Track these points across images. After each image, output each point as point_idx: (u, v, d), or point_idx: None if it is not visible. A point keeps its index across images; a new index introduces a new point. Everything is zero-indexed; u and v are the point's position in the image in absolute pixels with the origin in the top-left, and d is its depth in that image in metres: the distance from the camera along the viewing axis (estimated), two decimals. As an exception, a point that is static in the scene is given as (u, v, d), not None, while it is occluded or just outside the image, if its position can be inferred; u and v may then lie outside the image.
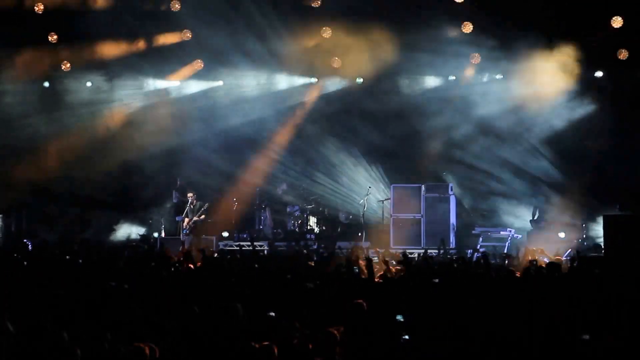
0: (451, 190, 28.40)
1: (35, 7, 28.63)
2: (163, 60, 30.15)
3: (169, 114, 31.29)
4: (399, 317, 12.04)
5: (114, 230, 30.62)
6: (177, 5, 28.83)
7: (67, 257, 20.65)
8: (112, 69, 30.70)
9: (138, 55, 29.93)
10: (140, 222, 31.09)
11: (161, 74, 31.12)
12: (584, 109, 28.93)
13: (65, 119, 30.85)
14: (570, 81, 28.61)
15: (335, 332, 10.33)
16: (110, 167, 30.39)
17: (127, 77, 31.11)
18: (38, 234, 29.66)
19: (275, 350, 9.58)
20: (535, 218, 28.63)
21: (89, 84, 31.09)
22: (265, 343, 9.67)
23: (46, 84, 31.05)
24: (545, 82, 28.74)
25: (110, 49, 29.81)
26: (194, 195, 28.94)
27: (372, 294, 13.63)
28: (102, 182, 30.69)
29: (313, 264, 18.04)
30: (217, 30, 28.48)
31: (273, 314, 12.19)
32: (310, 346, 9.99)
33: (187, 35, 29.61)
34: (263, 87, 31.21)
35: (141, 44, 29.85)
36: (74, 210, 31.00)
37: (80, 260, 19.66)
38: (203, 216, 28.85)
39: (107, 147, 30.58)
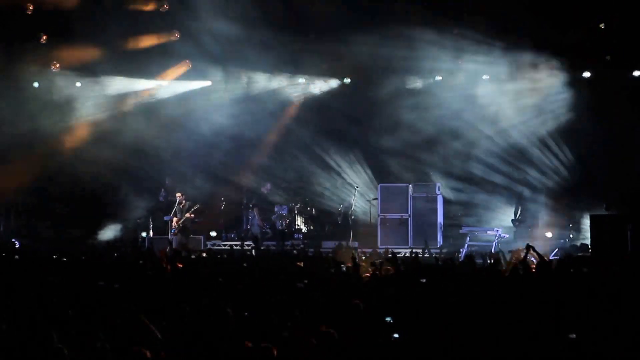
0: (438, 189, 28.49)
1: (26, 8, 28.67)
2: (150, 61, 30.10)
3: (157, 114, 31.35)
4: (389, 319, 12.05)
5: (99, 229, 30.60)
6: (165, 6, 28.86)
7: (55, 256, 20.70)
8: (99, 70, 30.66)
9: (125, 55, 29.89)
10: (127, 221, 31.06)
11: (149, 74, 31.09)
12: (571, 109, 29.05)
13: (49, 119, 30.80)
14: (557, 81, 28.78)
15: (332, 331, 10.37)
16: (96, 167, 30.37)
17: (114, 77, 31.11)
18: (27, 234, 29.69)
19: (274, 352, 9.62)
20: (518, 217, 28.72)
21: (78, 84, 31.06)
22: (264, 345, 9.70)
23: (36, 84, 31.01)
24: (532, 82, 28.90)
25: (96, 50, 29.80)
26: (182, 195, 28.85)
27: (361, 293, 13.68)
28: (88, 181, 30.74)
29: (302, 264, 18.07)
30: (204, 31, 28.54)
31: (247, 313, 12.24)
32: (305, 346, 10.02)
33: (175, 35, 29.62)
34: (251, 87, 31.24)
35: (128, 45, 29.77)
36: (60, 209, 30.98)
37: (65, 259, 19.72)
38: (193, 215, 28.72)
39: (92, 147, 30.54)
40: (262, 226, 29.92)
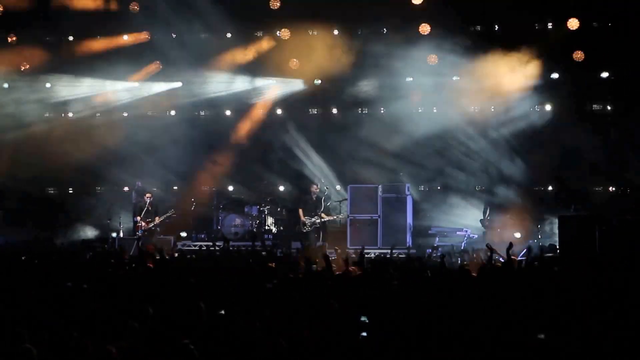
0: (408, 190, 28.53)
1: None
2: (121, 62, 30.05)
3: (126, 115, 31.34)
4: (364, 319, 12.08)
5: (68, 230, 30.48)
6: (135, 7, 28.86)
7: (23, 257, 20.62)
8: (71, 70, 30.61)
9: (96, 56, 29.86)
10: (97, 222, 30.96)
11: (119, 75, 31.00)
12: (540, 110, 29.23)
13: (20, 117, 30.72)
14: (526, 83, 28.91)
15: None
16: (66, 168, 30.30)
17: (83, 78, 31.04)
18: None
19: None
20: (487, 217, 28.79)
21: (47, 85, 31.00)
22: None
23: (5, 85, 30.94)
24: (501, 83, 29.02)
25: (65, 50, 29.79)
26: (151, 196, 28.80)
27: (332, 293, 13.70)
28: (56, 183, 30.66)
29: (274, 265, 18.05)
30: (175, 32, 28.59)
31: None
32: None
33: (145, 36, 29.64)
34: (221, 88, 31.22)
35: (99, 45, 29.73)
36: (27, 209, 30.87)
37: (36, 261, 19.63)
38: (167, 221, 28.69)
39: (62, 147, 30.42)
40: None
